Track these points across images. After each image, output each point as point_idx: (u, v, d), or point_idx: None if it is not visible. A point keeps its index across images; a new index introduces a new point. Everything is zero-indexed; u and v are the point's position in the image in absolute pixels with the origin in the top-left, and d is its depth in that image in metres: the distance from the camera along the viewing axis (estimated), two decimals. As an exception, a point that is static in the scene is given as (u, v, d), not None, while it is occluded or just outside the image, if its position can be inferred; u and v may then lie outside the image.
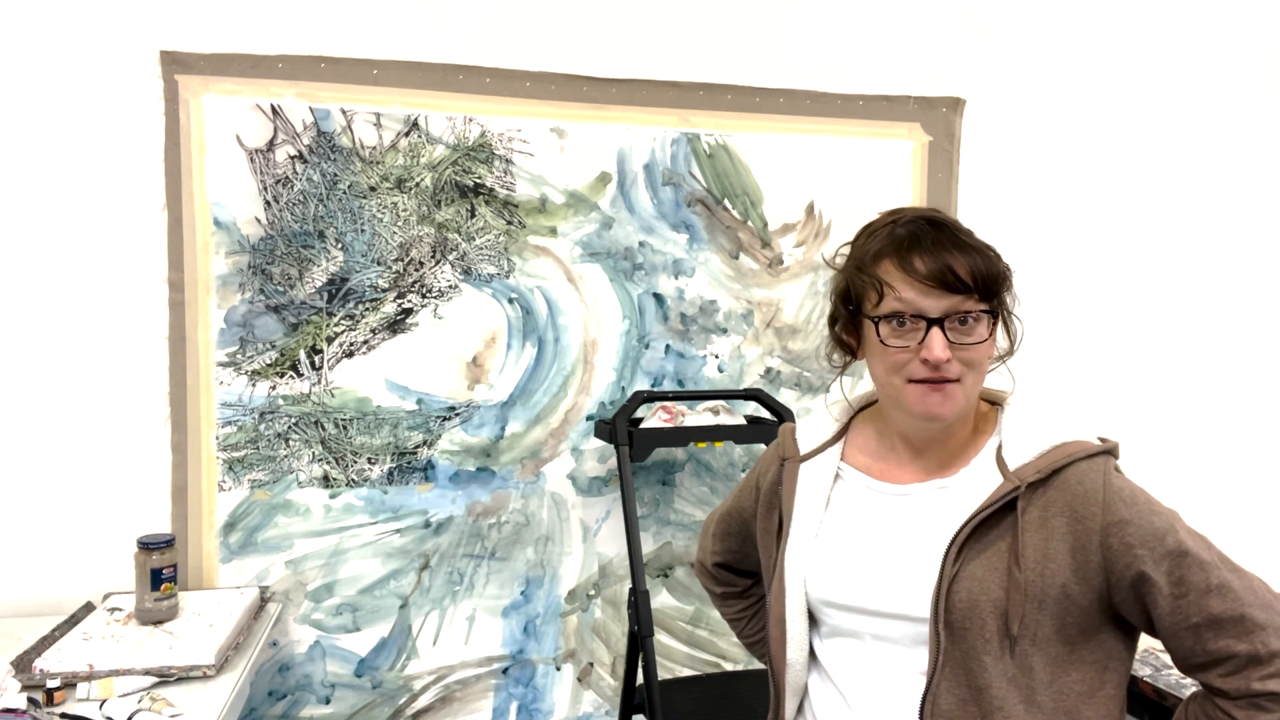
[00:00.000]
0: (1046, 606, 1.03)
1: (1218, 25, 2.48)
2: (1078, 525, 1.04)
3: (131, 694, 1.48)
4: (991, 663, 1.03)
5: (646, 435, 1.97)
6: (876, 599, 1.11)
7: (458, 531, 2.11)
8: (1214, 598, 1.01)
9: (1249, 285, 2.55)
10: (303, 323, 2.01)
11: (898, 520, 1.13)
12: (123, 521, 1.93)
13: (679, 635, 2.25)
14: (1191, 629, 1.01)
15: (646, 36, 2.15)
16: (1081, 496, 1.04)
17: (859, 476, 1.19)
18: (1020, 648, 1.03)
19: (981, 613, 1.03)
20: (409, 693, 2.10)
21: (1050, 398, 2.39)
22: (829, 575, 1.15)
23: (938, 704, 1.05)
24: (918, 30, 2.30)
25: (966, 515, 1.07)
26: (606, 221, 2.16)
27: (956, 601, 1.04)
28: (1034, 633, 1.03)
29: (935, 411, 1.07)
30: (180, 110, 1.92)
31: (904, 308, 1.06)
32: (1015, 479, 1.06)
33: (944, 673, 1.05)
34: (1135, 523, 1.02)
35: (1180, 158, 2.48)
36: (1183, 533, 1.03)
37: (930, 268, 1.05)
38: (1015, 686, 1.03)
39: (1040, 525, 1.05)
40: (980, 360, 1.08)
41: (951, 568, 1.05)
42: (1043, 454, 1.08)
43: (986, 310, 1.07)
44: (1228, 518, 2.54)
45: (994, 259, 1.09)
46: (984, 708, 1.03)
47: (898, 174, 2.31)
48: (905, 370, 1.08)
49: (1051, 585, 1.03)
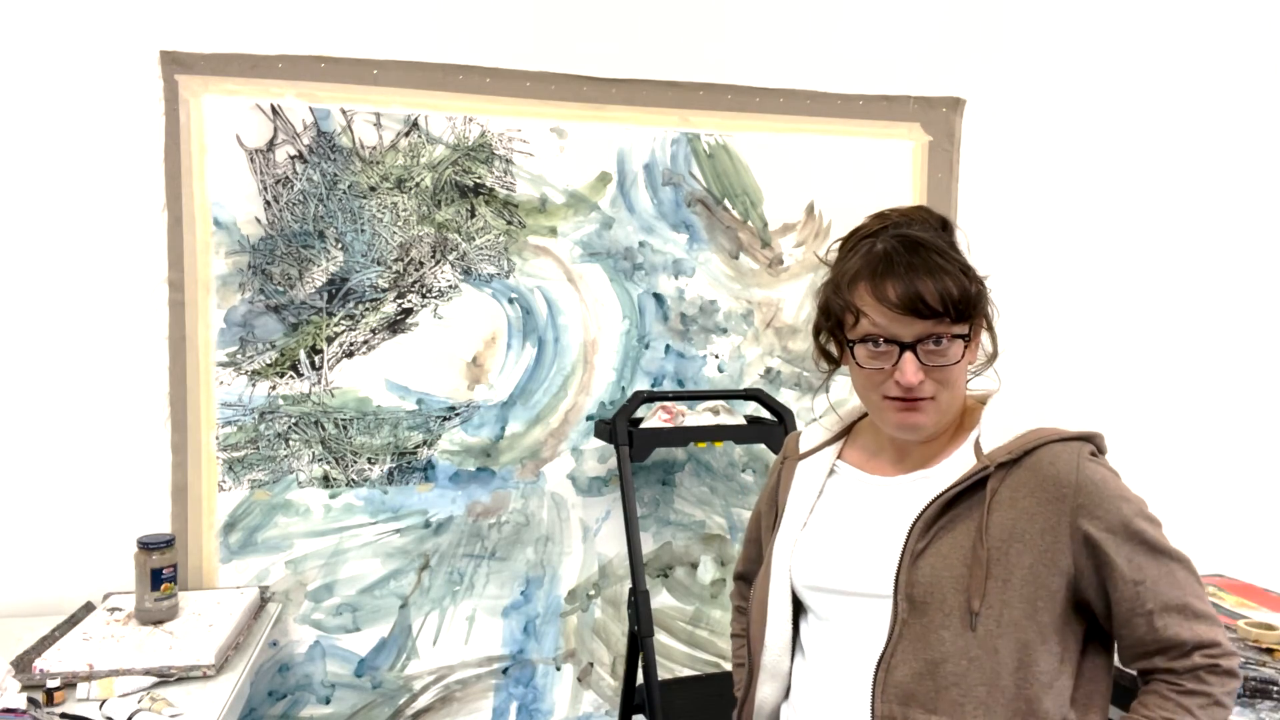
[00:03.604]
0: (1013, 586, 1.05)
1: (1218, 25, 2.48)
2: (1048, 506, 1.06)
3: (131, 694, 1.48)
4: (951, 638, 1.05)
5: (646, 435, 1.97)
6: (847, 580, 1.15)
7: (458, 531, 2.11)
8: (1167, 586, 1.05)
9: (1249, 284, 2.55)
10: (303, 323, 2.01)
11: (876, 507, 1.18)
12: (123, 521, 1.93)
13: (679, 635, 2.25)
14: (1146, 615, 1.05)
15: (646, 36, 2.14)
16: (1053, 478, 1.07)
17: (852, 471, 1.25)
18: (985, 627, 1.04)
19: (943, 587, 1.06)
20: (409, 693, 2.10)
21: (1048, 395, 2.40)
22: (811, 561, 1.20)
23: (892, 673, 1.08)
24: (918, 30, 2.30)
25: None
26: (606, 221, 2.16)
27: (919, 576, 1.08)
28: (999, 613, 1.05)
29: (910, 424, 1.13)
30: (180, 110, 1.92)
31: (878, 332, 1.10)
32: (986, 460, 1.10)
33: (901, 643, 1.08)
34: (1105, 507, 1.05)
35: (1180, 157, 2.48)
36: (1144, 521, 1.07)
37: (901, 295, 1.08)
38: (976, 666, 1.04)
39: (1010, 504, 1.07)
40: (954, 379, 1.12)
41: (917, 543, 1.09)
42: (1017, 437, 1.11)
43: (959, 334, 1.10)
44: (1220, 513, 2.55)
45: (968, 280, 1.11)
46: (939, 682, 1.05)
47: (898, 174, 2.31)
48: (881, 388, 1.13)
49: (1018, 564, 1.05)
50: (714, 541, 2.26)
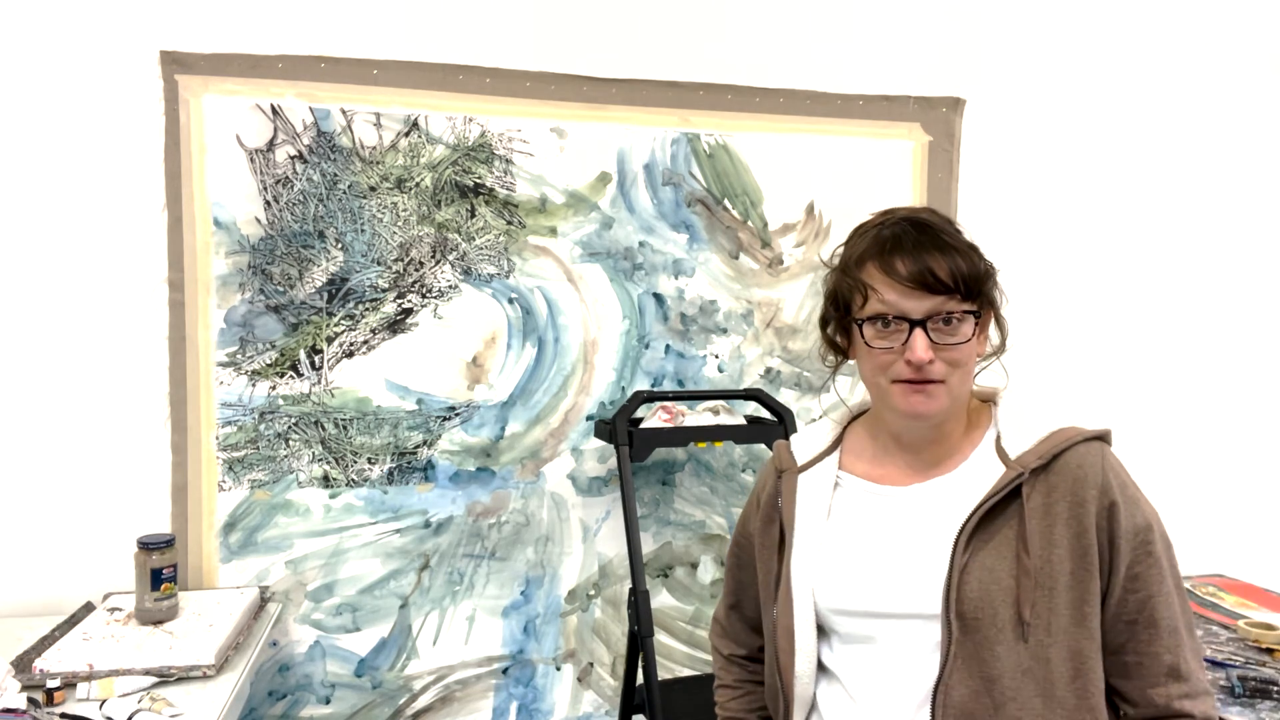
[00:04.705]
0: (1058, 594, 1.04)
1: (1218, 25, 2.48)
2: (1079, 509, 1.05)
3: (131, 694, 1.48)
4: (1004, 653, 1.03)
5: (646, 435, 1.97)
6: (888, 601, 1.10)
7: (458, 531, 2.11)
8: (1160, 604, 1.05)
9: (1249, 283, 2.55)
10: (303, 323, 2.01)
11: (901, 521, 1.13)
12: (123, 521, 1.93)
13: (679, 635, 2.25)
14: (1129, 624, 1.05)
15: (646, 36, 2.14)
16: (1082, 480, 1.06)
17: (858, 483, 1.19)
18: (1035, 638, 1.03)
19: (994, 602, 1.04)
20: (409, 693, 2.10)
21: (1050, 394, 2.40)
22: (838, 583, 1.15)
23: (950, 695, 1.04)
24: (918, 30, 2.30)
25: (970, 507, 1.07)
26: (606, 221, 2.16)
27: (968, 592, 1.04)
28: (1048, 623, 1.03)
29: (920, 410, 1.09)
30: (180, 110, 1.92)
31: (887, 309, 1.08)
32: (1018, 466, 1.08)
33: (956, 663, 1.05)
34: (1124, 509, 1.05)
35: (1180, 157, 2.48)
36: (1156, 534, 1.07)
37: (911, 270, 1.07)
38: (1031, 679, 1.03)
39: (1044, 511, 1.06)
40: (965, 359, 1.09)
41: (961, 558, 1.06)
42: (1041, 440, 1.10)
43: (970, 310, 1.08)
44: (1220, 513, 2.55)
45: (976, 258, 1.10)
46: (996, 699, 1.03)
47: (898, 174, 2.31)
48: (890, 371, 1.09)
49: (1060, 571, 1.04)
50: (714, 541, 2.26)
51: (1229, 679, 1.65)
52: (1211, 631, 1.94)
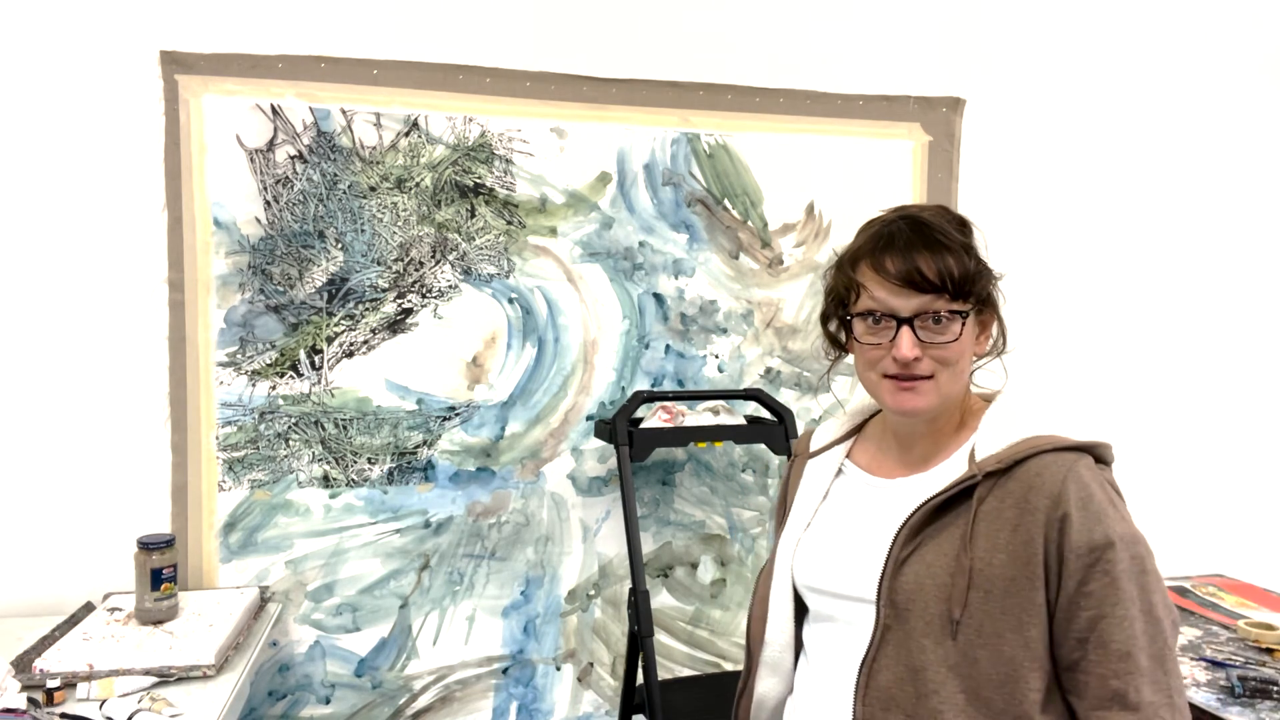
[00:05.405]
0: (994, 598, 1.03)
1: (1217, 25, 2.48)
2: (1026, 517, 1.04)
3: (131, 694, 1.48)
4: (932, 646, 1.05)
5: (646, 435, 1.97)
6: (840, 583, 1.15)
7: (458, 531, 2.11)
8: (1112, 625, 1.00)
9: (1249, 283, 2.55)
10: (303, 323, 2.01)
11: (875, 511, 1.17)
12: (123, 521, 1.93)
13: (679, 635, 2.25)
14: (1079, 642, 1.02)
15: (646, 36, 2.14)
16: (1037, 489, 1.04)
17: (858, 472, 1.24)
18: (964, 637, 1.04)
19: (925, 596, 1.06)
20: (409, 693, 2.10)
21: (1049, 394, 2.40)
22: (809, 562, 1.21)
23: (875, 678, 1.08)
24: (918, 30, 2.30)
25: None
26: (606, 221, 2.16)
27: (902, 583, 1.08)
28: (980, 624, 1.03)
29: (907, 406, 1.12)
30: (180, 110, 1.92)
31: (876, 306, 1.11)
32: (976, 468, 1.08)
33: (884, 649, 1.08)
34: (1079, 523, 1.01)
35: (1179, 157, 2.48)
36: (1121, 554, 1.01)
37: (899, 268, 1.09)
38: (956, 675, 1.04)
39: (996, 515, 1.06)
40: (954, 358, 1.10)
41: (902, 550, 1.09)
42: (1010, 446, 1.09)
43: (958, 310, 1.09)
44: (1220, 513, 2.55)
45: (969, 259, 1.11)
46: (920, 689, 1.05)
47: (898, 174, 2.31)
48: (880, 366, 1.13)
49: (999, 576, 1.04)
50: (714, 541, 2.26)
51: (1229, 679, 1.65)
52: (1211, 631, 1.94)
